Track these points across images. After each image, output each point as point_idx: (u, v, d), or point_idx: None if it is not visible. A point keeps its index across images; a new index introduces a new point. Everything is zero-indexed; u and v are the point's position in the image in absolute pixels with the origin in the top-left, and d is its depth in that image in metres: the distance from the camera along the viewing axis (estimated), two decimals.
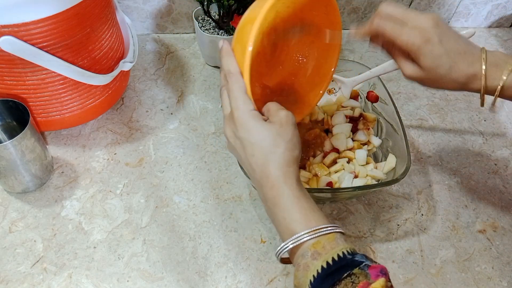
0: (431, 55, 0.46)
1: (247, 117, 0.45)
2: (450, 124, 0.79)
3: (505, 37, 0.99)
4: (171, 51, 0.86)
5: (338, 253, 0.40)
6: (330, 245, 0.41)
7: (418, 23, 0.47)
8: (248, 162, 0.45)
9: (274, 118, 0.46)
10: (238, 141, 0.46)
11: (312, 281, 0.39)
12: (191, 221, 0.62)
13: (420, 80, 0.49)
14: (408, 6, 0.93)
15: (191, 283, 0.56)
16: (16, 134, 0.55)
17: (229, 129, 0.47)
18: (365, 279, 0.38)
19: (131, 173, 0.67)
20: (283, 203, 0.43)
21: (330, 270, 0.39)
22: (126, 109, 0.75)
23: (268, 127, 0.45)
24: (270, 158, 0.44)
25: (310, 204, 0.44)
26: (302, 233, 0.41)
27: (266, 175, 0.44)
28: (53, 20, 0.54)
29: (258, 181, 0.45)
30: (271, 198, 0.44)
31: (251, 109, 0.45)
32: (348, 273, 0.38)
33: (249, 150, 0.45)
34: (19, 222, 0.60)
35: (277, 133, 0.45)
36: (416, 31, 0.46)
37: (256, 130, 0.44)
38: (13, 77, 0.58)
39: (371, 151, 0.67)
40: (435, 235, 0.63)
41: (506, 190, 0.70)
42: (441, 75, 0.47)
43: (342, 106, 0.69)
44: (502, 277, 0.60)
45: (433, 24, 0.47)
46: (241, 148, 0.46)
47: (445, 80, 0.48)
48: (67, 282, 0.55)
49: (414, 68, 0.49)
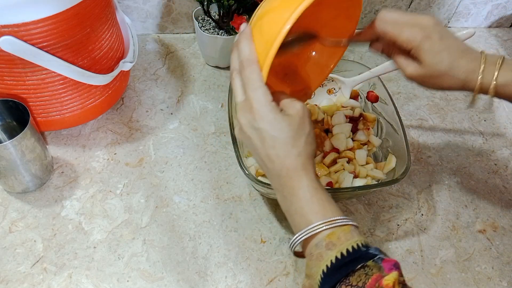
0: (432, 50, 0.47)
1: (268, 110, 0.44)
2: (450, 124, 0.79)
3: (505, 37, 0.99)
4: (171, 51, 0.86)
5: (353, 245, 0.40)
6: (345, 236, 0.41)
7: (418, 22, 0.48)
8: (266, 154, 0.45)
9: (291, 110, 0.46)
10: (256, 132, 0.45)
11: (325, 270, 0.40)
12: (191, 221, 0.62)
13: (421, 78, 0.49)
14: (408, 6, 0.93)
15: (191, 283, 0.56)
16: (16, 134, 0.55)
17: (245, 118, 0.46)
18: (379, 271, 0.38)
19: (131, 173, 0.67)
20: (302, 194, 0.44)
21: (344, 261, 0.40)
22: (126, 109, 0.75)
23: (289, 121, 0.45)
24: (292, 151, 0.44)
25: (327, 196, 0.45)
26: (318, 223, 0.42)
27: (287, 167, 0.44)
28: (53, 20, 0.54)
29: (276, 172, 0.45)
30: (289, 188, 0.45)
31: (270, 101, 0.45)
32: (362, 265, 0.39)
33: (269, 142, 0.45)
34: (19, 222, 0.60)
35: (298, 127, 0.45)
36: (416, 28, 0.47)
37: (277, 123, 0.44)
38: (13, 77, 0.58)
39: (371, 151, 0.67)
40: (435, 235, 0.63)
41: (506, 190, 0.70)
42: (441, 71, 0.47)
43: (342, 106, 0.69)
44: (502, 277, 0.60)
45: (433, 23, 0.47)
46: (259, 139, 0.45)
47: (445, 76, 0.48)
48: (67, 282, 0.55)
49: (415, 66, 0.49)
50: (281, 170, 0.45)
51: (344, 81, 0.69)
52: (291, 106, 0.46)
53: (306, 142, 0.45)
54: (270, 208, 0.64)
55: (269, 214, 0.63)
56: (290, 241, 0.45)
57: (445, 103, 0.83)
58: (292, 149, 0.44)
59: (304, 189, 0.44)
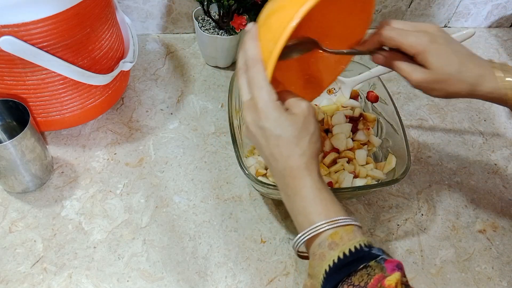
0: (440, 53, 0.47)
1: (272, 109, 0.45)
2: (450, 124, 0.79)
3: (505, 37, 0.99)
4: (171, 51, 0.86)
5: (355, 245, 0.40)
6: (348, 236, 0.41)
7: (423, 28, 0.48)
8: (270, 152, 0.45)
9: (296, 109, 0.46)
10: (261, 131, 0.46)
11: (328, 270, 0.40)
12: (191, 221, 0.62)
13: (427, 83, 0.49)
14: (408, 6, 0.93)
15: (191, 283, 0.56)
16: (16, 134, 0.55)
17: (250, 117, 0.46)
18: (381, 272, 0.38)
19: (131, 173, 0.67)
20: (305, 194, 0.44)
21: (346, 261, 0.40)
22: (126, 109, 0.75)
23: (294, 120, 0.45)
24: (296, 151, 0.44)
25: (330, 196, 0.45)
26: (321, 223, 0.42)
27: (290, 166, 0.44)
28: (53, 20, 0.54)
29: (280, 171, 0.45)
30: (293, 187, 0.45)
31: (275, 100, 0.45)
32: (364, 265, 0.39)
33: (273, 141, 0.45)
34: (19, 222, 0.60)
35: (302, 126, 0.45)
36: (421, 33, 0.47)
37: (281, 122, 0.44)
38: (13, 77, 0.58)
39: (371, 151, 0.67)
40: (435, 235, 0.63)
41: (506, 190, 0.70)
42: (450, 74, 0.47)
43: (342, 106, 0.69)
44: (502, 277, 0.60)
45: (437, 29, 0.48)
46: (264, 138, 0.46)
47: (453, 80, 0.47)
48: (67, 282, 0.55)
49: (421, 71, 0.48)
50: (285, 169, 0.45)
51: (344, 81, 0.69)
52: (296, 105, 0.46)
53: (310, 141, 0.45)
54: (270, 208, 0.64)
55: (269, 214, 0.63)
56: (292, 241, 0.45)
57: (445, 103, 0.83)
58: (296, 148, 0.44)
59: (308, 189, 0.44)
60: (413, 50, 0.47)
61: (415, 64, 0.49)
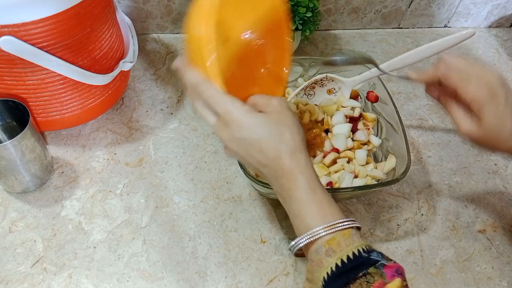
0: (496, 114, 0.45)
1: (242, 115, 0.43)
2: (450, 124, 0.79)
3: (505, 37, 0.99)
4: (171, 51, 0.86)
5: (353, 251, 0.39)
6: (346, 242, 0.40)
7: (485, 78, 0.46)
8: (256, 160, 0.44)
9: (268, 108, 0.45)
10: (239, 143, 0.44)
11: (326, 278, 0.39)
12: (191, 221, 0.62)
13: (476, 138, 0.47)
14: (408, 6, 0.93)
15: (191, 283, 0.56)
16: (16, 134, 0.55)
17: (225, 134, 0.45)
18: (381, 278, 0.37)
19: (131, 173, 0.67)
20: (299, 195, 0.43)
21: (344, 268, 0.38)
22: (126, 109, 0.75)
23: (268, 119, 0.44)
24: (281, 148, 0.43)
25: (326, 197, 0.43)
26: (317, 229, 0.41)
27: (281, 167, 0.43)
28: (53, 20, 0.54)
29: (271, 174, 0.44)
30: (287, 189, 0.43)
31: (241, 106, 0.44)
32: (363, 273, 0.38)
33: (256, 148, 0.43)
34: (19, 222, 0.60)
35: (278, 122, 0.44)
36: (483, 86, 0.45)
37: (257, 125, 0.43)
38: (13, 77, 0.58)
39: (371, 151, 0.67)
40: (435, 235, 0.63)
41: (506, 190, 0.70)
42: (501, 137, 0.46)
43: (342, 106, 0.69)
44: (502, 277, 0.60)
45: (500, 83, 0.46)
46: (245, 148, 0.44)
47: (505, 142, 0.46)
48: (67, 282, 0.55)
49: (473, 125, 0.47)
50: (276, 171, 0.44)
51: (344, 81, 0.69)
52: (266, 104, 0.45)
53: (292, 133, 0.44)
54: (270, 208, 0.64)
55: (269, 214, 0.63)
56: (289, 245, 0.44)
57: None
58: (280, 144, 0.43)
59: (301, 190, 0.43)
60: (470, 101, 0.46)
61: (467, 112, 0.47)
